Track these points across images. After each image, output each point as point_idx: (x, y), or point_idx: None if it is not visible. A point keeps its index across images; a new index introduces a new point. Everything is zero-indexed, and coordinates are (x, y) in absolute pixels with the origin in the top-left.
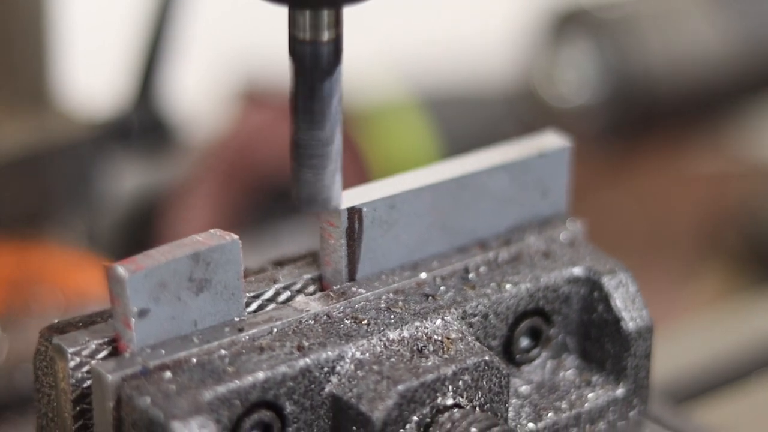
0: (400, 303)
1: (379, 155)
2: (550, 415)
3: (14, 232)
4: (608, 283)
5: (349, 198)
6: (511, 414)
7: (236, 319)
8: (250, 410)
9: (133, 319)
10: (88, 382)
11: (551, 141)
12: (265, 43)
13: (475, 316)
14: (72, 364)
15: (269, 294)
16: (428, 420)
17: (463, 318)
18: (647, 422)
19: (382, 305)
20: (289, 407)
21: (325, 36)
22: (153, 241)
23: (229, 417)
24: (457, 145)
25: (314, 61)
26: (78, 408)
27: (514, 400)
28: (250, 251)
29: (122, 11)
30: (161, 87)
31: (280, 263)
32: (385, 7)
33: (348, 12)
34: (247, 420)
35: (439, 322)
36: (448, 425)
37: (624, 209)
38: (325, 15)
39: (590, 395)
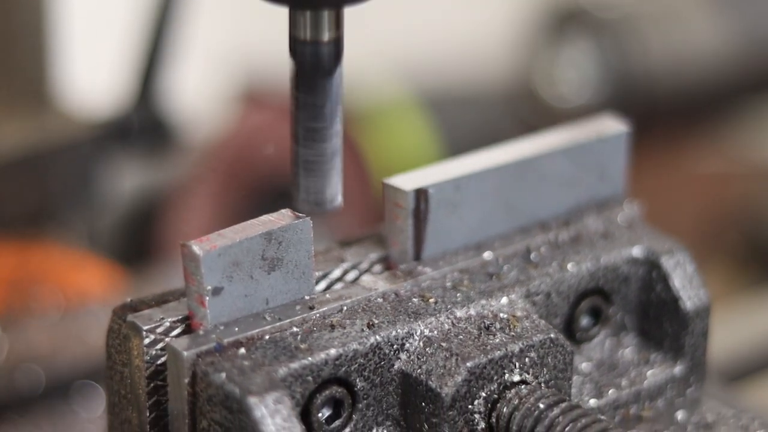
0: (466, 282)
1: (379, 155)
2: (611, 392)
3: (14, 232)
4: (666, 262)
5: (416, 179)
6: (573, 390)
7: (306, 297)
8: (322, 386)
9: (207, 297)
10: (162, 359)
11: (609, 125)
12: (265, 43)
13: (538, 294)
14: (147, 341)
15: (337, 273)
16: (495, 396)
17: (526, 297)
18: (704, 399)
19: (448, 284)
20: (359, 383)
21: (326, 36)
22: (153, 241)
23: (302, 393)
24: (457, 145)
25: (315, 61)
26: (152, 384)
27: (575, 377)
28: None
29: (122, 11)
30: (161, 87)
31: (346, 243)
32: (385, 7)
33: (348, 12)
34: (319, 396)
35: (504, 300)
36: (516, 401)
37: None
38: (326, 15)
39: (649, 373)
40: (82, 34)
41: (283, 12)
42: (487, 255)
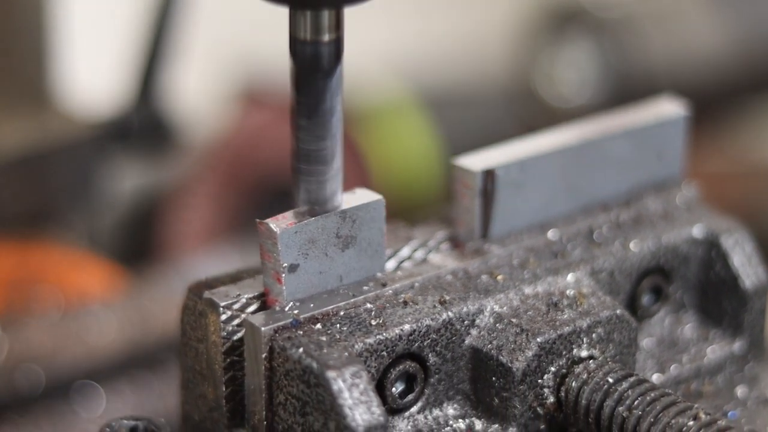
0: (532, 260)
1: (379, 155)
2: (672, 367)
3: (15, 232)
4: (726, 242)
5: (484, 160)
6: (636, 366)
7: (378, 274)
8: (396, 361)
9: (284, 274)
10: (239, 335)
11: (669, 109)
12: (265, 43)
13: (601, 272)
14: (224, 317)
15: (406, 251)
16: (564, 371)
17: (591, 274)
18: (763, 375)
19: (515, 262)
20: (431, 358)
21: (326, 36)
22: (153, 241)
23: (377, 368)
24: (457, 145)
25: (315, 61)
26: (228, 360)
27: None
28: (250, 251)
29: (122, 11)
30: (161, 87)
31: (413, 223)
32: (385, 7)
33: (348, 12)
34: (393, 371)
35: (570, 277)
36: (585, 375)
37: None
38: (326, 16)
39: (709, 350)
40: (82, 35)
41: (283, 12)
42: (552, 234)
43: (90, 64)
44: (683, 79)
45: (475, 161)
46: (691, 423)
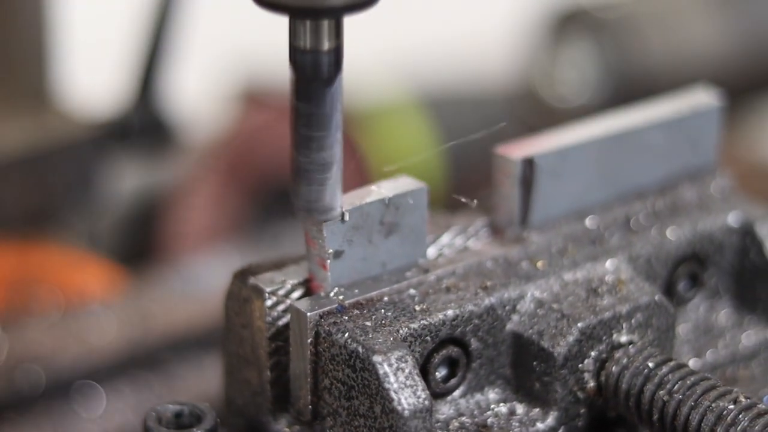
0: (570, 247)
1: (379, 155)
2: (708, 353)
3: (15, 232)
4: (760, 229)
5: (523, 149)
6: (673, 352)
7: (421, 260)
8: (439, 346)
9: (329, 260)
10: (284, 320)
11: (703, 99)
12: (265, 43)
13: (638, 259)
14: (269, 303)
15: (447, 239)
16: (604, 356)
17: (629, 261)
18: None
19: (554, 249)
20: (474, 344)
21: (326, 45)
22: (153, 241)
23: (421, 352)
24: (457, 145)
25: (314, 70)
26: (273, 345)
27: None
28: (250, 251)
29: (122, 11)
30: (161, 87)
31: (452, 211)
32: (385, 7)
33: None
34: (437, 355)
35: (609, 264)
36: (625, 360)
37: None
38: (326, 25)
39: (743, 336)
40: (82, 35)
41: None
42: (589, 222)
43: (90, 64)
44: (683, 79)
45: (515, 150)
46: (731, 407)
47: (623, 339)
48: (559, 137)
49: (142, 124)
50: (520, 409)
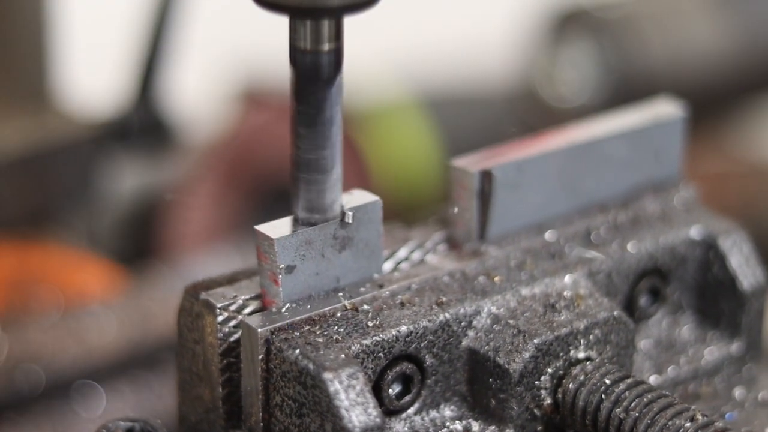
0: (529, 261)
1: (379, 155)
2: (670, 369)
3: (15, 232)
4: (724, 243)
5: (481, 161)
6: (633, 368)
7: (375, 275)
8: (392, 363)
9: (281, 275)
10: (235, 336)
11: (667, 109)
12: (265, 43)
13: (599, 274)
14: (220, 318)
15: (403, 253)
16: (561, 372)
17: (588, 276)
18: (761, 377)
19: (512, 263)
20: (428, 360)
21: (326, 46)
22: (153, 241)
23: (374, 369)
24: (457, 145)
25: (315, 71)
26: (225, 361)
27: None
28: (249, 251)
29: (122, 11)
30: (161, 87)
31: (409, 224)
32: (386, 7)
33: None
34: (390, 372)
35: (567, 279)
36: (582, 377)
37: None
38: (326, 25)
39: (706, 351)
40: (82, 35)
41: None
42: (549, 235)
43: (90, 64)
44: (683, 79)
45: (472, 162)
46: (688, 424)
47: (581, 355)
48: (518, 148)
49: (142, 124)
50: (475, 426)
